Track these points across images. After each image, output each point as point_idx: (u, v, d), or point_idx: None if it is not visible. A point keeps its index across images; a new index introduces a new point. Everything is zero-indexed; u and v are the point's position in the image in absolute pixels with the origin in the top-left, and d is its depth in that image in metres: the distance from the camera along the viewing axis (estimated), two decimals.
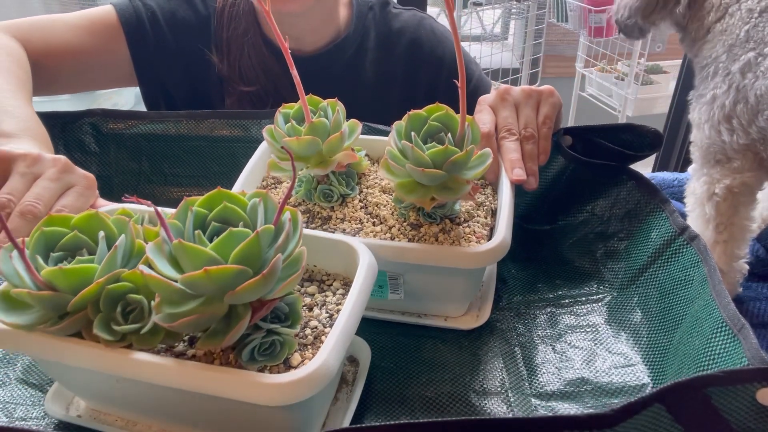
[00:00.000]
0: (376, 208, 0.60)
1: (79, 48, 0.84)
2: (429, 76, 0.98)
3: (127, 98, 2.12)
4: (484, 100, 0.68)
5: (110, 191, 0.83)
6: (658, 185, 0.66)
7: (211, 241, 0.39)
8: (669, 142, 1.76)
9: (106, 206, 0.57)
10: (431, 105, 0.56)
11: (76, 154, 0.81)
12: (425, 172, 0.51)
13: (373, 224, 0.58)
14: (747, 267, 0.77)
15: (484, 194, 0.63)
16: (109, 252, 0.42)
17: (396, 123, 0.57)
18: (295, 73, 0.54)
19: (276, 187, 0.65)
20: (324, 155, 0.58)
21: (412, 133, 0.54)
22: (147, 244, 0.41)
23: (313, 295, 0.50)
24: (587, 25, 2.38)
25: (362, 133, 0.63)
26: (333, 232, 0.55)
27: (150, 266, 0.39)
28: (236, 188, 0.61)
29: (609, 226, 0.69)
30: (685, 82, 1.66)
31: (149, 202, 0.37)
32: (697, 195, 0.77)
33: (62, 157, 0.57)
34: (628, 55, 2.56)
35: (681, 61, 1.73)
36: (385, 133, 0.75)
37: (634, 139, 0.69)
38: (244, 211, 0.42)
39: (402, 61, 0.97)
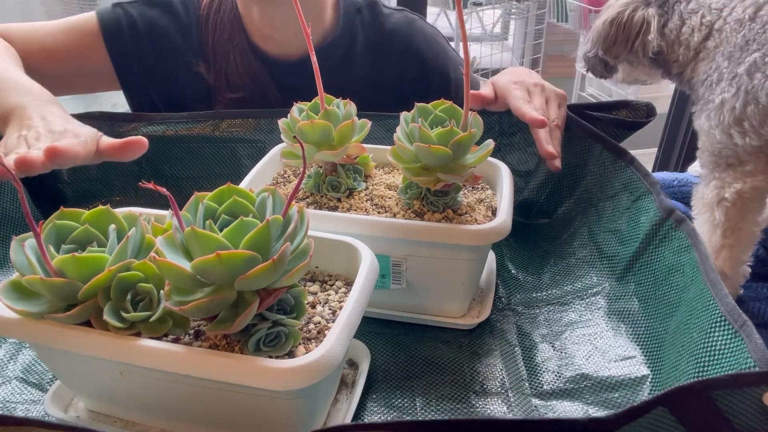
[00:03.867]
0: (381, 200, 0.62)
1: (61, 53, 0.85)
2: (419, 81, 0.97)
3: (124, 101, 2.11)
4: (514, 87, 0.73)
5: (110, 193, 0.83)
6: (657, 179, 0.66)
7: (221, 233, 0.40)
8: (669, 142, 1.77)
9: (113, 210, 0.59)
10: (436, 101, 0.58)
11: None
12: (432, 149, 0.54)
13: (378, 213, 0.60)
14: (749, 270, 0.78)
15: (486, 194, 0.65)
16: (120, 243, 0.43)
17: (403, 113, 0.59)
18: (314, 58, 0.56)
19: (285, 185, 0.66)
20: (335, 143, 0.60)
21: (420, 118, 0.57)
22: (157, 238, 0.42)
23: (316, 293, 0.51)
24: (587, 25, 2.39)
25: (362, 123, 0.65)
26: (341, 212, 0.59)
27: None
28: (244, 185, 0.62)
29: (603, 213, 0.70)
30: None
31: (164, 189, 0.38)
32: (706, 200, 0.78)
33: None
34: None
35: None
36: (387, 120, 0.79)
37: (629, 113, 0.76)
38: (253, 205, 0.43)
39: (393, 65, 0.96)
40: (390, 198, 0.62)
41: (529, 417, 0.52)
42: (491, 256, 0.72)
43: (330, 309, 0.49)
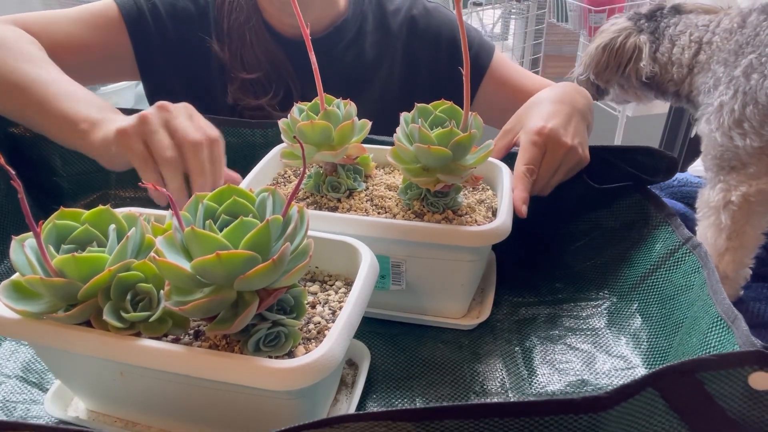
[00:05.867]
0: (381, 200, 0.62)
1: (84, 42, 0.85)
2: (428, 52, 0.99)
3: (127, 98, 2.12)
4: (533, 144, 0.65)
5: (108, 186, 0.83)
6: (658, 185, 0.66)
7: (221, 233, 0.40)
8: (669, 142, 1.77)
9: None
10: (437, 101, 0.58)
11: (75, 153, 0.82)
12: (431, 150, 0.54)
13: (378, 213, 0.60)
14: (750, 272, 0.78)
15: (486, 195, 0.64)
16: (120, 243, 0.43)
17: (403, 114, 0.59)
18: (314, 59, 0.56)
19: (285, 185, 0.66)
20: (335, 143, 0.60)
21: (420, 119, 0.57)
22: (156, 238, 0.42)
23: (316, 293, 0.51)
24: (587, 25, 2.38)
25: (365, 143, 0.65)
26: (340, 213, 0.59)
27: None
28: (244, 185, 0.62)
29: (613, 236, 0.69)
30: None
31: (164, 190, 0.38)
32: (712, 203, 0.78)
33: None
34: None
35: None
36: (388, 143, 0.77)
37: (650, 162, 0.69)
38: (253, 206, 0.43)
39: (399, 41, 0.99)
40: (390, 198, 0.62)
41: (523, 400, 0.52)
42: (491, 257, 0.72)
43: (330, 309, 0.49)
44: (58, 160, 0.82)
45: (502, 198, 0.61)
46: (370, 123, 0.63)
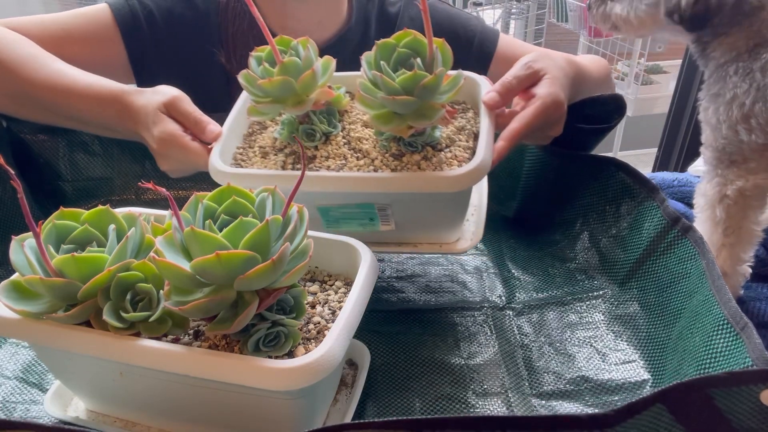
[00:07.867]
0: (358, 142, 0.59)
1: (76, 47, 0.84)
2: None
3: None
4: (556, 105, 0.64)
5: (111, 192, 0.83)
6: (657, 185, 0.66)
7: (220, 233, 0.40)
8: (669, 142, 1.76)
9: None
10: (400, 32, 0.55)
11: (79, 155, 0.82)
12: (397, 100, 0.51)
13: (357, 159, 0.58)
14: (750, 270, 0.78)
15: (465, 118, 0.62)
16: (119, 243, 0.43)
17: (365, 54, 0.56)
18: (259, 17, 0.56)
19: (261, 133, 0.64)
20: (300, 94, 0.57)
21: (382, 63, 0.54)
22: (156, 238, 0.42)
23: (316, 293, 0.51)
24: (587, 25, 2.39)
25: None
26: (318, 171, 0.57)
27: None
28: (221, 139, 0.61)
29: (604, 220, 0.70)
30: (685, 82, 1.67)
31: (164, 189, 0.38)
32: (708, 197, 0.77)
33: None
34: (628, 55, 2.58)
35: (681, 61, 1.73)
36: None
37: (599, 111, 0.69)
38: (252, 205, 0.43)
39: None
40: (368, 140, 0.59)
41: (528, 414, 0.52)
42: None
43: (329, 309, 0.49)
44: (63, 165, 0.82)
45: (482, 128, 0.57)
46: (334, 60, 0.60)
